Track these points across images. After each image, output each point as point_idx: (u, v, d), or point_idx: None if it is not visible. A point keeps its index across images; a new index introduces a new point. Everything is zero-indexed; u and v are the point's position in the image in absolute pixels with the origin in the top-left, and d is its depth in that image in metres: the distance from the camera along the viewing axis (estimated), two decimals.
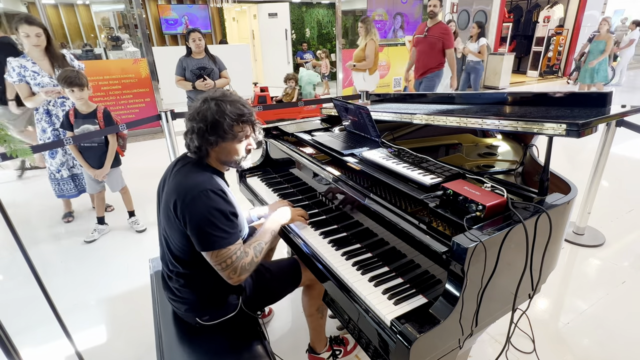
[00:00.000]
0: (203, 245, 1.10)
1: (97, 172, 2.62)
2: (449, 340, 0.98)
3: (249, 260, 1.18)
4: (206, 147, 1.18)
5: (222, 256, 1.11)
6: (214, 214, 1.08)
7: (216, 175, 1.21)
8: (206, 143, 1.16)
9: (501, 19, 8.96)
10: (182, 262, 1.21)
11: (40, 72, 2.60)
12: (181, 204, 1.09)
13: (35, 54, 2.59)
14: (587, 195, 2.60)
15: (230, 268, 1.13)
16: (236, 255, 1.13)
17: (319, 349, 1.67)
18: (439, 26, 4.14)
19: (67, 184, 2.90)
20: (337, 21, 5.91)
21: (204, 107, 1.15)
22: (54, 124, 2.76)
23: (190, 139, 1.18)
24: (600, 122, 1.05)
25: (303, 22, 10.01)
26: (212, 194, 1.10)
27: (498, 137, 1.58)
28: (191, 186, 1.11)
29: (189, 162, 1.21)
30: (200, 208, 1.08)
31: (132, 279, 2.33)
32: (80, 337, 1.89)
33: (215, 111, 1.14)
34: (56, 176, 2.85)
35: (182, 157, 1.26)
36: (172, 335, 1.30)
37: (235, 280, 1.16)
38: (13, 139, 1.25)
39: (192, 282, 1.24)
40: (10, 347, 1.09)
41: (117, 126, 2.54)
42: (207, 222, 1.08)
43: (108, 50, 7.91)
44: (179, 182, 1.14)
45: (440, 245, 0.95)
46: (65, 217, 3.09)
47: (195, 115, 1.16)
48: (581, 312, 1.99)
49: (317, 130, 1.96)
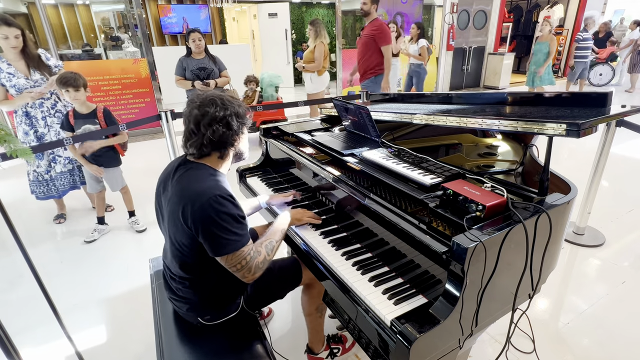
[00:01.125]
0: (217, 250, 1.10)
1: (94, 169, 2.62)
2: (449, 340, 0.98)
3: (262, 258, 1.19)
4: (230, 144, 1.19)
5: (237, 258, 1.12)
6: (225, 218, 1.08)
7: (221, 177, 1.20)
8: (231, 140, 1.18)
9: (501, 19, 8.96)
10: (187, 265, 1.20)
11: (16, 73, 2.56)
12: (191, 211, 1.07)
13: (10, 55, 2.55)
14: (587, 195, 2.60)
15: (246, 268, 1.14)
16: (250, 255, 1.14)
17: (317, 349, 1.68)
18: (372, 24, 3.87)
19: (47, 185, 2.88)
20: (337, 21, 5.91)
21: (217, 110, 1.13)
22: (35, 126, 2.71)
23: (204, 145, 1.15)
24: (600, 122, 1.05)
25: (303, 22, 10.00)
26: (222, 199, 1.09)
27: (498, 137, 1.58)
28: (199, 192, 1.09)
29: (191, 167, 1.18)
30: (211, 214, 1.07)
31: (132, 279, 2.33)
32: (80, 337, 1.89)
33: (231, 104, 1.17)
34: (45, 177, 2.82)
35: (182, 161, 1.22)
36: (172, 335, 1.30)
37: (250, 278, 1.17)
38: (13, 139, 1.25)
39: (195, 283, 1.24)
40: (10, 347, 1.09)
41: (117, 126, 2.54)
42: (220, 227, 1.07)
43: (108, 50, 7.91)
44: (185, 188, 1.12)
45: (440, 245, 0.95)
46: (57, 219, 3.05)
47: (212, 120, 1.13)
48: (581, 312, 1.99)
49: (317, 130, 1.96)
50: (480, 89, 9.16)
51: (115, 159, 2.71)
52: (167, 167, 1.27)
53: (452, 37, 7.97)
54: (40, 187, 2.86)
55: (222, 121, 1.14)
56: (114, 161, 2.70)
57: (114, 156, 2.70)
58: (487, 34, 8.91)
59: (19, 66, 2.58)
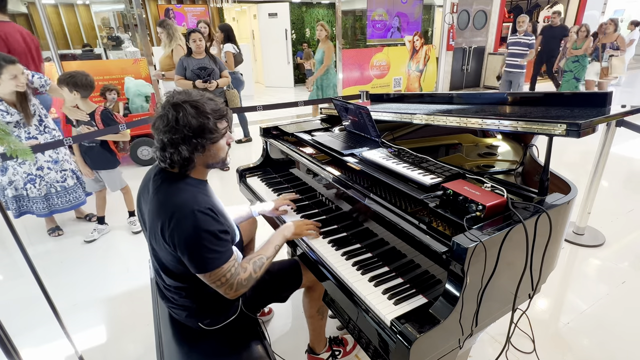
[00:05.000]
0: (196, 268, 1.07)
1: (86, 171, 2.62)
2: (449, 340, 0.98)
3: (246, 275, 1.14)
4: (194, 155, 1.08)
5: (217, 275, 1.08)
6: (203, 236, 1.03)
7: (200, 186, 1.14)
8: (194, 150, 1.07)
9: (501, 19, 8.96)
10: (176, 276, 1.17)
11: (9, 109, 2.38)
12: (168, 228, 1.03)
13: (5, 90, 2.33)
14: (587, 195, 2.60)
15: (226, 285, 1.10)
16: (230, 272, 1.09)
17: (318, 349, 1.67)
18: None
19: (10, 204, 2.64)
20: (337, 21, 5.91)
21: (180, 114, 1.03)
22: (29, 132, 2.53)
23: (172, 153, 1.06)
24: (600, 122, 1.05)
25: (303, 22, 10.01)
26: (200, 214, 1.03)
27: (498, 137, 1.58)
28: (176, 207, 1.03)
29: (167, 178, 1.11)
30: (188, 231, 1.02)
31: (132, 279, 2.33)
32: (80, 337, 1.89)
33: (195, 114, 1.04)
34: (8, 194, 2.60)
35: (157, 171, 1.15)
36: (171, 336, 1.29)
37: (232, 295, 1.13)
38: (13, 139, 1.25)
39: (190, 292, 1.21)
40: (10, 347, 1.09)
41: (117, 126, 2.54)
42: (197, 245, 1.03)
43: (108, 50, 7.91)
44: (162, 203, 1.07)
45: (440, 245, 0.95)
46: (53, 232, 2.88)
47: (174, 125, 1.03)
48: (581, 312, 1.99)
49: (317, 130, 1.96)
50: (480, 89, 9.16)
51: (111, 161, 2.68)
52: (144, 177, 1.22)
53: (452, 37, 7.97)
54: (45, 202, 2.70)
55: (193, 126, 1.04)
56: (109, 163, 2.68)
57: (110, 158, 2.69)
58: (487, 34, 8.91)
59: (9, 100, 2.39)
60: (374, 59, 7.15)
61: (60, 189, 2.71)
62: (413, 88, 6.95)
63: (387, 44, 7.30)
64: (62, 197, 2.73)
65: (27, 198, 2.65)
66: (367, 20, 7.02)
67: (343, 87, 6.74)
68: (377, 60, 7.18)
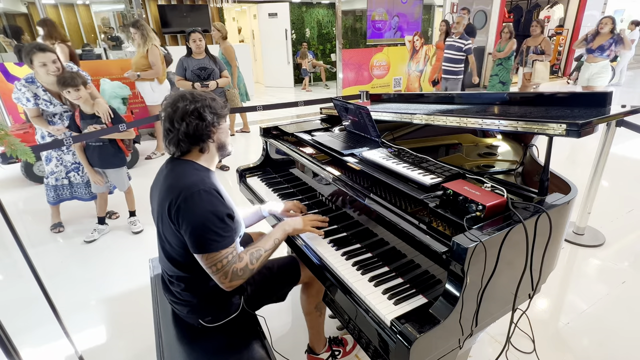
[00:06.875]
0: (195, 247, 1.09)
1: (97, 179, 2.63)
2: (449, 340, 0.98)
3: (242, 266, 1.15)
4: (207, 136, 1.16)
5: (213, 259, 1.10)
6: (207, 216, 1.07)
7: (207, 172, 1.19)
8: (207, 132, 1.15)
9: (501, 19, 8.95)
10: (181, 265, 1.20)
11: (52, 100, 2.52)
12: (175, 205, 1.08)
13: (46, 79, 2.48)
14: (587, 195, 2.60)
15: (221, 272, 1.11)
16: (227, 259, 1.11)
17: (318, 349, 1.67)
18: None
19: (60, 190, 2.84)
20: (337, 21, 5.92)
21: (187, 103, 1.13)
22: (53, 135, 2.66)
23: (182, 140, 1.14)
24: (600, 122, 1.05)
25: (303, 22, 10.01)
26: (206, 195, 1.09)
27: (498, 137, 1.58)
28: (184, 187, 1.09)
29: (177, 164, 1.19)
30: (193, 210, 1.07)
31: (132, 279, 2.33)
32: (80, 337, 1.89)
33: (203, 98, 1.15)
34: (49, 182, 2.78)
35: (168, 161, 1.23)
36: (172, 336, 1.30)
37: (226, 285, 1.14)
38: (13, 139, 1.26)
39: (193, 285, 1.23)
40: (10, 347, 1.09)
41: (117, 126, 2.54)
42: (200, 224, 1.07)
43: (108, 50, 7.91)
44: (171, 184, 1.13)
45: (440, 245, 0.95)
46: (55, 228, 2.95)
47: (184, 113, 1.12)
48: (581, 312, 1.99)
49: (317, 130, 1.96)
50: (480, 89, 9.15)
51: (120, 159, 2.71)
52: (158, 173, 1.27)
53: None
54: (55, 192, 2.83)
55: (194, 113, 1.12)
56: (119, 161, 2.70)
57: (120, 156, 2.71)
58: (487, 34, 8.90)
59: (53, 90, 2.52)
60: (374, 59, 7.16)
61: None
62: (413, 88, 6.98)
63: (387, 44, 7.30)
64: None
65: (68, 186, 2.85)
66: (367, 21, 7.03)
67: (343, 87, 6.75)
68: (377, 60, 7.19)
